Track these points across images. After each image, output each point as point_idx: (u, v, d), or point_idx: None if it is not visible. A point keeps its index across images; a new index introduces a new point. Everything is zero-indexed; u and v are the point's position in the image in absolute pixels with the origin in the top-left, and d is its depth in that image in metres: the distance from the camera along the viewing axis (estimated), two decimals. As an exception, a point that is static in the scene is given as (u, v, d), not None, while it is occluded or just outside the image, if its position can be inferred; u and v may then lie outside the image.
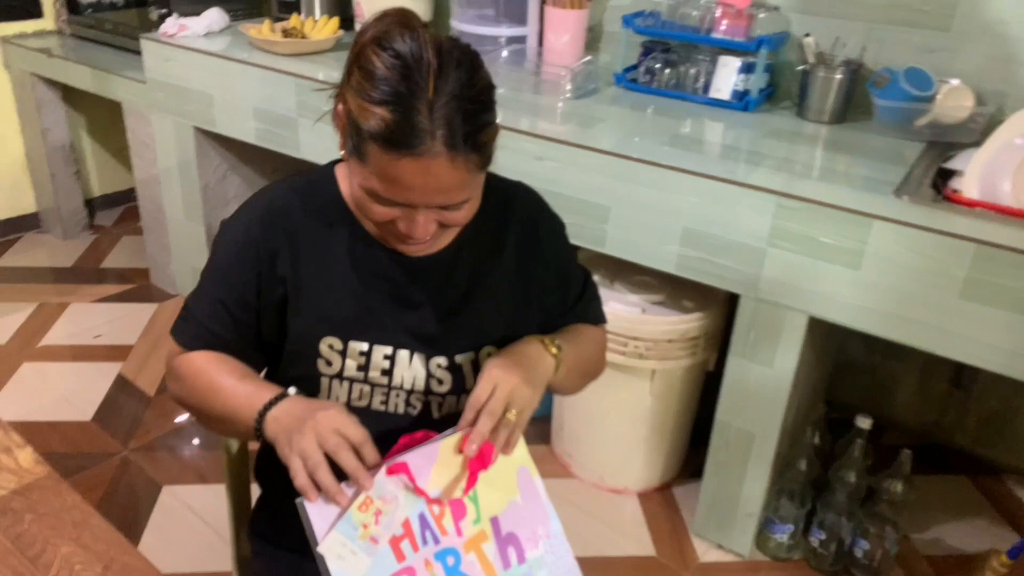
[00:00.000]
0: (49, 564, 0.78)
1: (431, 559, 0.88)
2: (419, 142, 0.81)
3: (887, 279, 1.53)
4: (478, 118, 0.85)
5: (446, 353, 1.02)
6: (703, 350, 1.97)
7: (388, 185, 0.86)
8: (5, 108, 3.15)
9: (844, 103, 2.01)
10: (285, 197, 1.00)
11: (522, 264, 1.07)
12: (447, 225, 0.92)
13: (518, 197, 1.10)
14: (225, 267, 1.00)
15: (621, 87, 2.23)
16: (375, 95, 0.83)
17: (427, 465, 0.89)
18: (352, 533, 0.83)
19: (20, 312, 2.83)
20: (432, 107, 0.81)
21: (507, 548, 0.93)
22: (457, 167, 0.84)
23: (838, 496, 1.87)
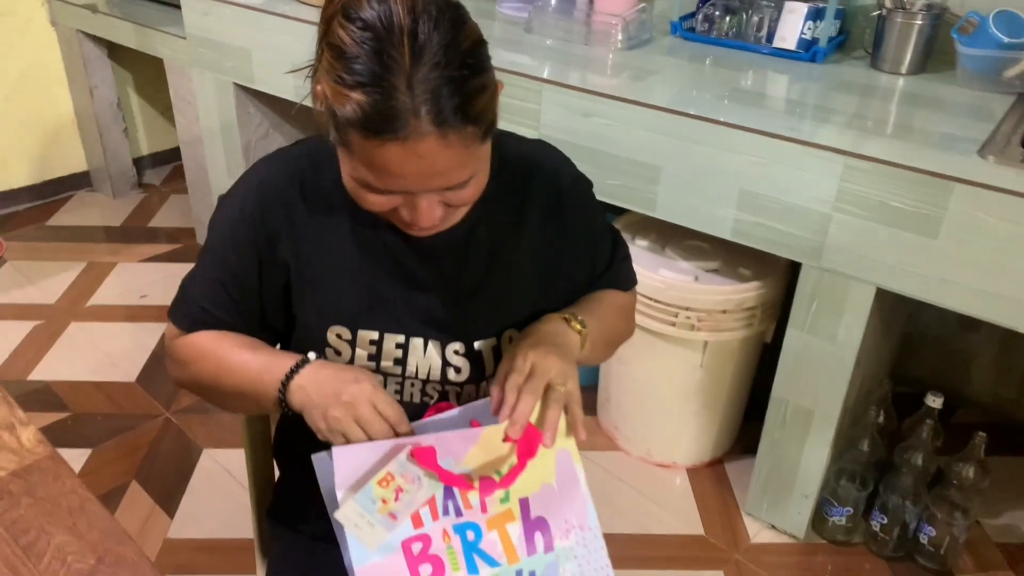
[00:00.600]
0: (41, 554, 0.73)
1: (450, 530, 0.82)
2: (402, 125, 0.70)
3: (969, 249, 1.38)
4: (467, 85, 0.72)
5: (463, 339, 0.93)
6: (760, 322, 1.85)
7: (378, 175, 0.75)
8: (54, 66, 3.14)
9: (924, 52, 1.84)
10: (282, 173, 0.92)
11: (547, 236, 0.96)
12: (455, 205, 0.82)
13: (539, 161, 0.98)
14: (222, 249, 0.92)
15: (677, 37, 2.08)
16: (347, 78, 0.71)
17: (465, 446, 0.82)
18: (370, 506, 0.78)
19: (70, 271, 2.84)
20: (411, 81, 0.70)
21: (534, 533, 0.86)
22: (451, 144, 0.72)
23: (903, 478, 1.74)
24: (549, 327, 0.91)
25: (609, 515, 1.90)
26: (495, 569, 0.83)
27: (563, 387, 0.83)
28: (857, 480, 1.79)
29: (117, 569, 0.73)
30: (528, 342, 0.87)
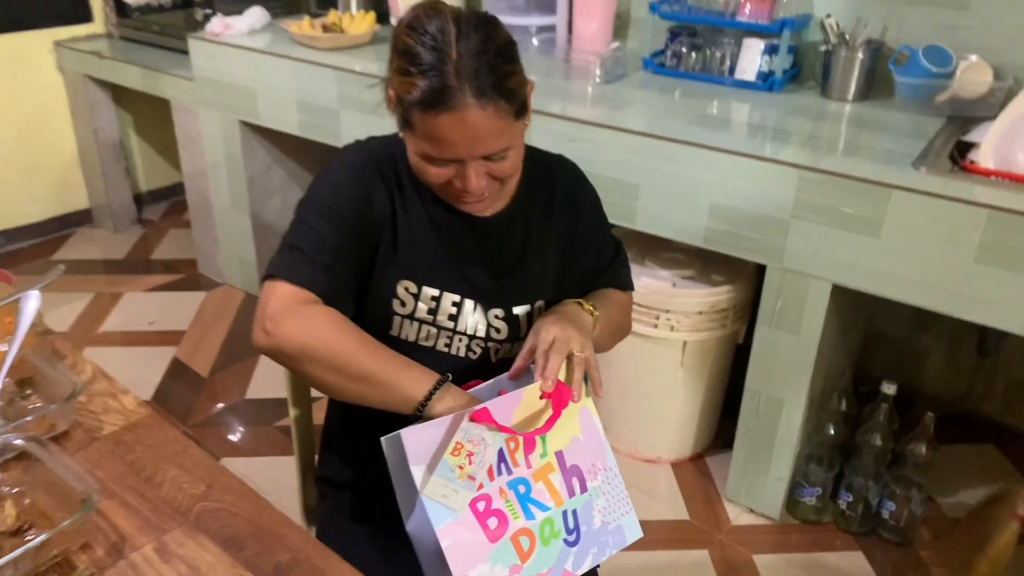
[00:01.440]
0: (161, 483, 0.90)
1: (504, 487, 0.97)
2: (451, 98, 0.93)
3: (906, 246, 1.60)
4: (500, 69, 0.96)
5: (502, 306, 1.13)
6: (732, 322, 2.05)
7: (435, 144, 0.97)
8: (59, 108, 3.31)
9: (867, 82, 2.08)
10: (386, 149, 1.12)
11: (567, 227, 1.18)
12: (498, 178, 1.03)
13: (562, 166, 1.23)
14: (333, 200, 1.06)
15: (649, 71, 2.31)
16: (412, 69, 0.95)
17: (510, 408, 0.98)
18: (450, 475, 0.92)
19: (78, 302, 2.98)
20: (457, 67, 0.93)
21: (571, 478, 1.02)
22: (489, 114, 0.95)
23: (864, 459, 1.94)
24: (568, 308, 1.10)
25: (602, 504, 2.08)
26: (547, 513, 0.99)
27: (582, 353, 1.02)
28: (824, 463, 1.99)
29: (225, 493, 0.89)
30: (551, 319, 1.06)
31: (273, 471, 2.16)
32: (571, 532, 1.00)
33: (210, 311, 2.95)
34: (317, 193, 1.07)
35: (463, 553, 0.90)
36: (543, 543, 0.97)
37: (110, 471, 0.92)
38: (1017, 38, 1.95)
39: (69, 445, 0.96)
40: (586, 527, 1.01)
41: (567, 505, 1.00)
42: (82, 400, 1.03)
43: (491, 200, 1.07)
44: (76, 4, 3.24)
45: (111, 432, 0.98)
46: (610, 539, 1.04)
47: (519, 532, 0.94)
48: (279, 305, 0.97)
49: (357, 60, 2.40)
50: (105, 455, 0.94)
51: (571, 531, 1.00)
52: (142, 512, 0.86)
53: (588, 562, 1.01)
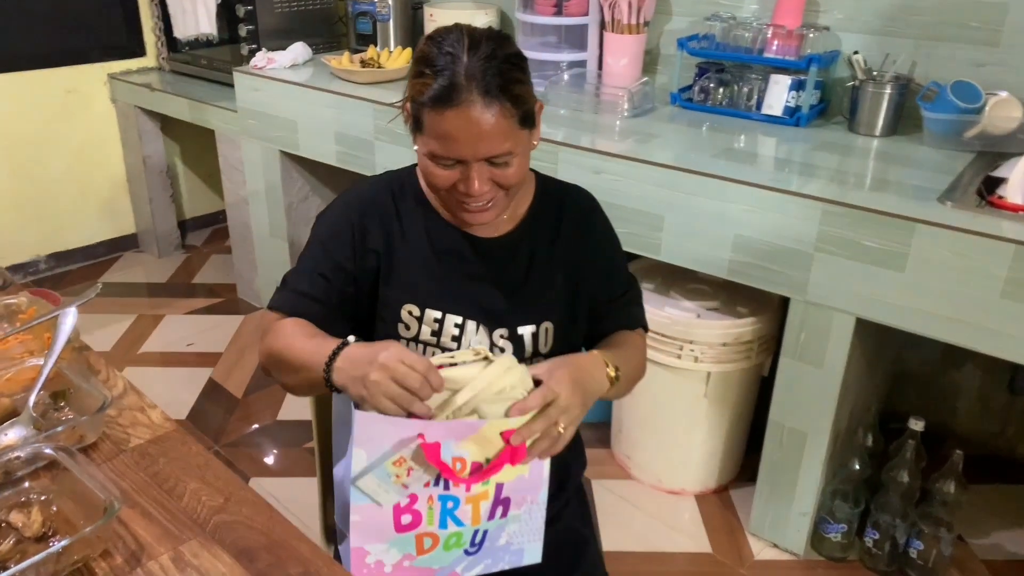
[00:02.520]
0: (181, 495, 0.94)
1: (435, 497, 0.99)
2: (458, 96, 1.00)
3: (930, 281, 1.59)
4: (507, 74, 1.02)
5: (507, 326, 1.15)
6: (757, 354, 2.05)
7: (441, 142, 1.03)
8: (111, 138, 3.46)
9: (894, 117, 2.09)
10: (374, 188, 1.19)
11: (574, 254, 1.21)
12: (501, 185, 1.07)
13: (574, 195, 1.25)
14: (325, 240, 1.16)
15: (677, 106, 2.35)
16: (427, 71, 1.03)
17: (466, 433, 0.98)
18: (386, 479, 0.95)
19: (121, 323, 3.08)
20: (467, 69, 1.01)
21: (497, 507, 1.04)
22: (493, 113, 1.01)
23: (891, 496, 1.91)
24: (593, 370, 1.08)
25: (624, 536, 2.08)
26: (460, 528, 1.02)
27: (563, 430, 1.02)
28: (850, 499, 1.96)
29: (241, 506, 0.93)
30: (569, 375, 1.03)
31: (300, 491, 2.20)
32: (474, 546, 1.04)
33: (247, 334, 3.02)
34: (317, 228, 1.18)
35: (367, 530, 0.97)
36: (444, 548, 1.01)
37: (134, 481, 0.96)
38: (1048, 74, 1.94)
39: (97, 456, 1.00)
40: (489, 543, 1.05)
41: (482, 526, 1.03)
42: (112, 413, 1.08)
43: (494, 210, 1.10)
44: (130, 39, 3.40)
45: (137, 445, 1.02)
46: (508, 557, 1.07)
47: (426, 534, 0.99)
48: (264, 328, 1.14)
49: (393, 94, 2.47)
50: (130, 466, 0.99)
51: (474, 545, 1.04)
52: (161, 522, 0.90)
53: (479, 569, 1.06)
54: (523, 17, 2.55)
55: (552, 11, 2.51)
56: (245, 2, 2.88)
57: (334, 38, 3.15)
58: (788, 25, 2.18)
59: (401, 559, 0.99)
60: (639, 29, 2.41)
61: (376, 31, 2.89)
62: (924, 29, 2.08)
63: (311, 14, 3.05)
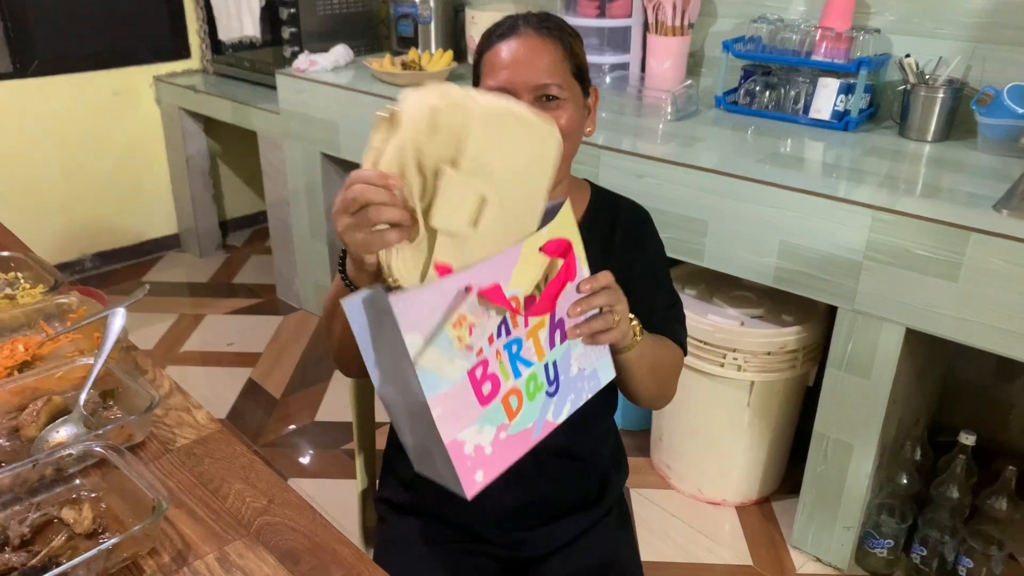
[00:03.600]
0: (226, 496, 0.94)
1: (501, 349, 0.93)
2: (514, 28, 1.08)
3: (986, 291, 1.54)
4: (562, 23, 1.11)
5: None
6: (802, 363, 2.01)
7: (495, 72, 1.07)
8: (156, 138, 3.51)
9: (947, 122, 2.03)
10: None
11: (627, 258, 1.20)
12: None
13: (628, 206, 1.26)
14: None
15: (721, 109, 2.31)
16: (492, 28, 1.12)
17: (511, 264, 0.91)
18: (448, 347, 0.85)
19: (163, 322, 3.13)
20: (526, 17, 1.10)
21: (555, 331, 0.98)
22: (546, 42, 1.07)
23: (940, 512, 1.86)
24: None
25: (664, 546, 2.05)
26: (531, 368, 0.95)
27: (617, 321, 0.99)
28: (897, 514, 1.91)
29: (285, 508, 0.93)
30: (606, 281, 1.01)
31: (337, 493, 2.21)
32: (552, 383, 0.97)
33: (286, 335, 3.05)
34: None
35: (454, 418, 0.86)
36: (529, 398, 0.94)
37: (180, 481, 0.97)
38: (1110, 79, 1.88)
39: (144, 455, 1.01)
40: (564, 376, 0.99)
41: (548, 358, 0.97)
42: (158, 413, 1.08)
43: None
44: (176, 42, 3.45)
45: (183, 444, 1.03)
46: (586, 384, 1.02)
47: (509, 392, 0.91)
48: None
49: (434, 96, 2.47)
50: (176, 466, 0.99)
51: (552, 382, 0.97)
52: (207, 522, 0.90)
53: (567, 409, 0.99)
54: (566, 19, 2.53)
55: (595, 13, 2.50)
56: (288, 4, 2.90)
57: (376, 40, 3.16)
58: (837, 27, 2.13)
59: (497, 432, 0.91)
60: (683, 31, 2.38)
61: (417, 33, 2.90)
62: (979, 31, 2.02)
63: (353, 17, 3.07)
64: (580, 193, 1.24)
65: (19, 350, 1.16)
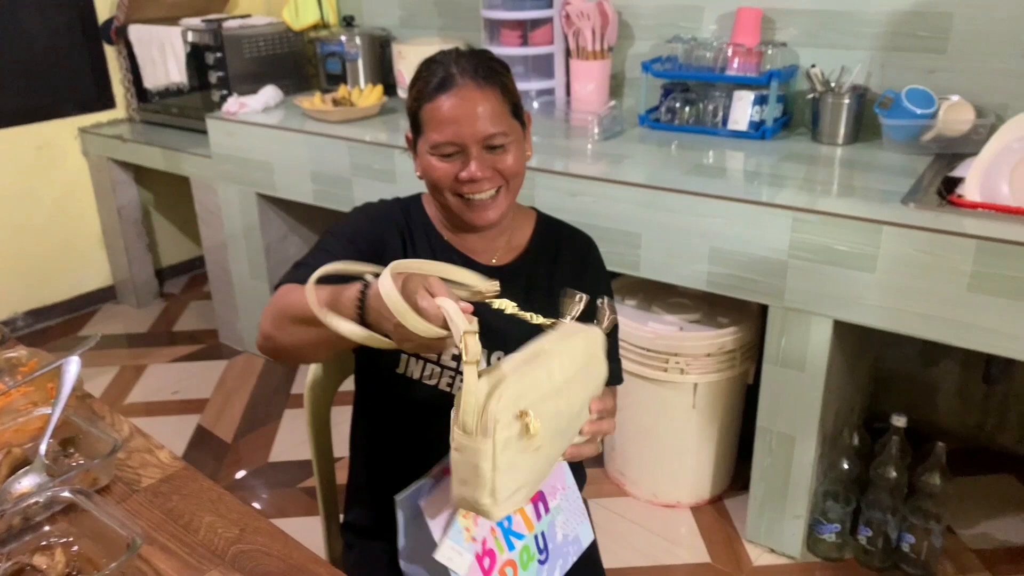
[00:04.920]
0: (198, 529, 0.96)
1: (495, 526, 1.04)
2: (452, 82, 1.10)
3: (900, 279, 1.66)
4: (495, 67, 1.14)
5: (505, 349, 1.19)
6: (741, 362, 2.10)
7: (441, 127, 1.10)
8: (84, 191, 3.46)
9: (854, 125, 2.17)
10: (389, 206, 1.26)
11: (570, 286, 1.25)
12: (502, 174, 1.13)
13: (573, 234, 1.32)
14: (345, 238, 1.18)
15: (645, 127, 2.41)
16: (422, 75, 1.14)
17: None
18: (459, 538, 0.99)
19: (104, 376, 3.06)
20: (458, 64, 1.12)
21: (539, 505, 1.10)
22: (487, 95, 1.10)
23: (880, 493, 1.96)
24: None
25: (624, 552, 2.10)
26: (523, 541, 1.07)
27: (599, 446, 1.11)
28: (841, 499, 2.01)
29: (257, 535, 0.95)
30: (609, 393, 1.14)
31: (299, 530, 2.16)
32: (542, 551, 1.08)
33: (232, 378, 3.02)
34: (335, 228, 1.20)
35: None
36: (523, 568, 1.05)
37: (150, 519, 0.98)
38: (994, 77, 2.04)
39: (110, 498, 1.02)
40: (552, 544, 1.10)
41: (536, 529, 1.08)
42: (121, 456, 1.09)
43: (497, 209, 1.15)
44: (100, 93, 3.41)
45: (149, 484, 1.04)
46: (571, 548, 1.13)
47: (505, 564, 1.02)
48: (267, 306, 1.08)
49: (367, 131, 2.51)
50: (145, 505, 1.00)
51: (542, 551, 1.08)
52: (181, 555, 0.92)
53: (557, 573, 1.10)
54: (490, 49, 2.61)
55: (518, 42, 2.59)
56: (214, 49, 2.92)
57: (304, 80, 3.19)
58: (747, 43, 2.26)
59: None
60: (603, 55, 2.49)
61: (346, 70, 2.94)
62: (876, 40, 2.17)
63: (280, 58, 3.10)
64: (525, 220, 1.30)
65: (-29, 407, 1.15)
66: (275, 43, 3.07)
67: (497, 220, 1.18)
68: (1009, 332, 1.57)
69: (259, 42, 3.02)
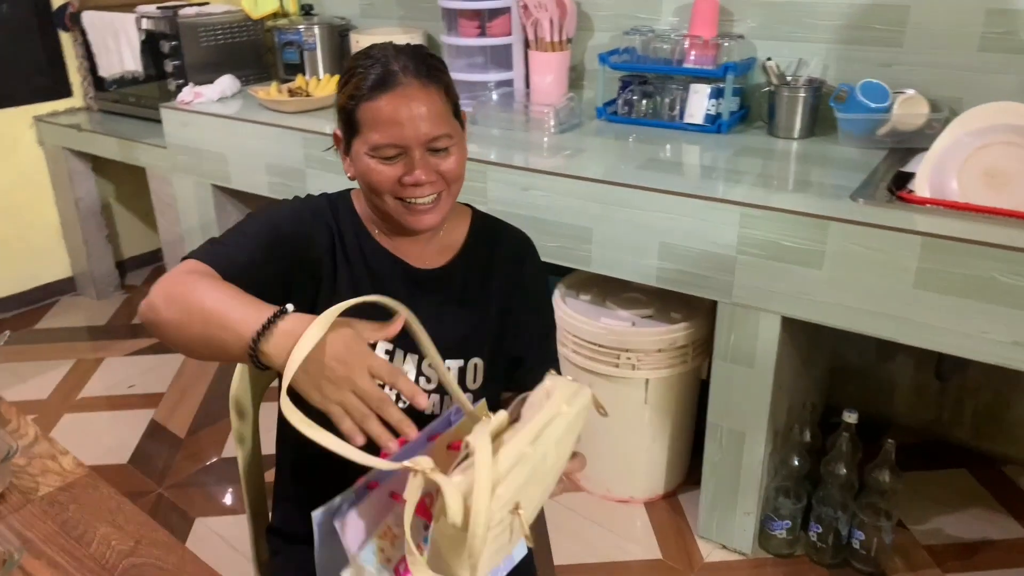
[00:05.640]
0: (90, 542, 0.93)
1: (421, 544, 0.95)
2: (395, 80, 1.04)
3: (847, 276, 1.64)
4: (434, 65, 1.09)
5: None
6: (693, 358, 2.08)
7: (382, 128, 1.04)
8: (40, 181, 3.39)
9: (811, 119, 2.15)
10: (318, 202, 1.17)
11: (508, 285, 1.23)
12: (444, 178, 1.09)
13: (510, 233, 1.27)
14: (279, 220, 1.10)
15: (603, 120, 2.38)
16: (359, 69, 1.06)
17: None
18: (372, 559, 0.94)
19: (59, 369, 3.01)
20: (398, 60, 1.06)
21: None
22: (430, 94, 1.05)
23: (831, 490, 1.95)
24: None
25: (576, 548, 2.09)
26: None
27: None
28: (792, 495, 2.00)
29: (152, 548, 0.92)
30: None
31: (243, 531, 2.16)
32: None
33: (189, 373, 2.97)
34: (261, 213, 1.12)
35: None
36: None
37: (41, 531, 0.94)
38: (949, 71, 2.02)
39: (4, 507, 0.98)
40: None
41: None
42: (21, 462, 1.05)
43: (437, 212, 1.11)
44: (55, 81, 3.34)
45: (47, 493, 1.01)
46: (503, 565, 1.05)
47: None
48: (168, 273, 0.98)
49: (323, 121, 2.47)
50: (39, 516, 0.97)
51: None
52: (68, 571, 0.88)
53: None
54: (448, 40, 2.57)
55: (476, 32, 2.54)
56: (169, 38, 2.86)
57: (263, 69, 3.14)
58: (704, 35, 2.23)
59: None
60: (562, 46, 2.45)
61: (304, 60, 2.89)
62: (832, 33, 2.15)
63: (238, 47, 3.04)
64: (460, 219, 1.26)
65: None
66: (233, 31, 3.02)
67: (437, 224, 1.14)
68: (956, 330, 1.55)
69: (216, 30, 2.96)
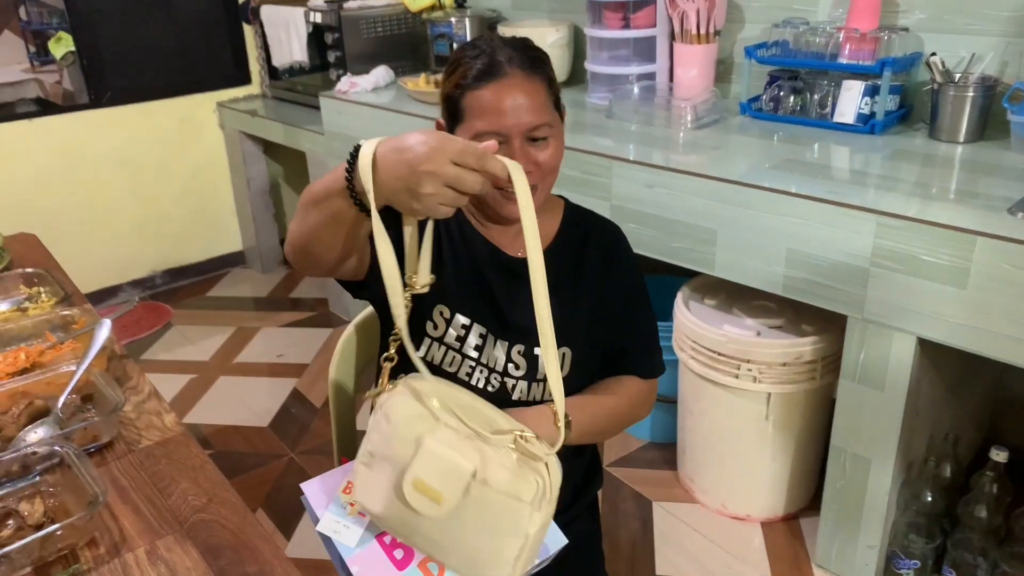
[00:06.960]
0: (171, 494, 1.01)
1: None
2: (500, 70, 1.07)
3: (994, 297, 1.47)
4: (538, 57, 1.11)
5: (525, 344, 1.16)
6: (822, 375, 1.94)
7: (486, 117, 1.07)
8: (219, 162, 3.71)
9: (980, 121, 1.94)
10: None
11: (598, 283, 1.22)
12: (541, 168, 1.10)
13: (601, 227, 1.26)
14: None
15: (746, 116, 2.27)
16: (465, 59, 1.09)
17: None
18: (341, 512, 0.98)
19: (222, 335, 3.29)
20: (503, 51, 1.09)
21: None
22: (534, 85, 1.08)
23: (969, 533, 1.76)
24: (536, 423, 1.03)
25: (681, 561, 2.02)
26: None
27: None
28: (923, 533, 1.82)
29: (221, 507, 0.98)
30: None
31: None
32: None
33: (333, 347, 3.14)
34: None
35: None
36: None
37: (134, 479, 1.03)
38: None
39: (110, 454, 1.09)
40: None
41: None
42: (131, 415, 1.16)
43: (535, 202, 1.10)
44: (238, 69, 3.64)
45: (146, 446, 1.10)
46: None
47: (425, 560, 0.96)
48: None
49: (462, 112, 2.52)
50: (135, 465, 1.06)
51: None
52: (148, 517, 0.96)
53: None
54: (592, 32, 2.54)
55: (620, 24, 2.50)
56: (332, 29, 3.02)
57: (419, 61, 3.24)
58: (862, 28, 2.07)
59: None
60: (709, 39, 2.35)
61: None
62: (1014, 25, 1.92)
63: (396, 39, 3.17)
64: (553, 210, 1.25)
65: (21, 358, 1.26)
66: (392, 24, 3.14)
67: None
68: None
69: (376, 23, 3.10)
